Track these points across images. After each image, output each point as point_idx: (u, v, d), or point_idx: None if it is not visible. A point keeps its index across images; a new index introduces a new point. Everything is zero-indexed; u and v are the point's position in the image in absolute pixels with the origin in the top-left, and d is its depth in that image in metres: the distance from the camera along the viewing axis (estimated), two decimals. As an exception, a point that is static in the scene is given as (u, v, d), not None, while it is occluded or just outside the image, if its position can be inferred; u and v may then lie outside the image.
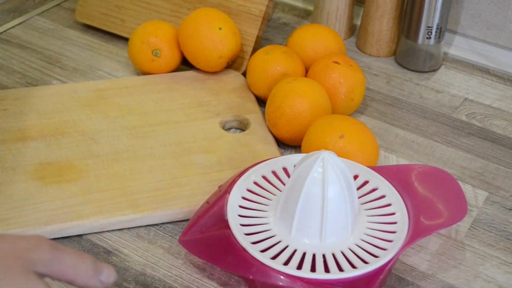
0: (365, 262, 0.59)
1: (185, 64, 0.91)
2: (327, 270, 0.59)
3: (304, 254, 0.60)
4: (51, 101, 0.83)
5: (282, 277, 0.57)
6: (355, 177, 0.69)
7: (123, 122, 0.81)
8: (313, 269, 0.59)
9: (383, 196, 0.67)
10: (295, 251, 0.61)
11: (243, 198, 0.66)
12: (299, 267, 0.59)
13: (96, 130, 0.79)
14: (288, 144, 0.80)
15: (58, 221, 0.67)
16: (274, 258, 0.60)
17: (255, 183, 0.68)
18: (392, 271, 0.66)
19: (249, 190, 0.67)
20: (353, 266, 0.59)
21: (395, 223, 0.63)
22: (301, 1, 1.11)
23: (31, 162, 0.74)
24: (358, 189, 0.67)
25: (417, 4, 0.90)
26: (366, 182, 0.68)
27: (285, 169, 0.70)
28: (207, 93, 0.86)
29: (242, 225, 0.63)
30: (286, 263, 0.59)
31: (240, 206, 0.65)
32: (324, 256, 0.60)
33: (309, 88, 0.78)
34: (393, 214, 0.65)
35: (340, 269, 0.59)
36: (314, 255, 0.60)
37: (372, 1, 0.95)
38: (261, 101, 0.87)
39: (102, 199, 0.70)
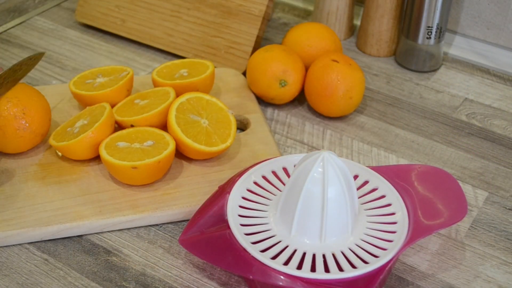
0: (365, 262, 0.59)
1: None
2: (327, 270, 0.59)
3: (304, 254, 0.60)
4: (51, 101, 0.83)
5: (282, 277, 0.57)
6: (355, 177, 0.69)
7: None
8: (313, 269, 0.59)
9: (383, 196, 0.67)
10: (295, 251, 0.61)
11: (243, 198, 0.66)
12: (299, 267, 0.59)
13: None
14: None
15: (58, 222, 0.67)
16: (274, 258, 0.60)
17: (255, 183, 0.68)
18: (392, 271, 0.66)
19: (249, 190, 0.67)
20: (353, 266, 0.59)
21: (395, 223, 0.63)
22: (301, 1, 1.11)
23: (31, 163, 0.74)
24: (358, 189, 0.67)
25: (417, 4, 0.90)
26: (366, 182, 0.68)
27: (285, 169, 0.70)
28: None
29: (242, 225, 0.63)
30: (286, 263, 0.59)
31: (240, 206, 0.65)
32: (324, 256, 0.60)
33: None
34: (393, 214, 0.65)
35: (340, 269, 0.59)
36: (314, 255, 0.60)
37: (372, 1, 0.95)
38: (261, 101, 0.87)
39: (102, 199, 0.70)
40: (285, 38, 0.90)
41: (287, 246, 0.61)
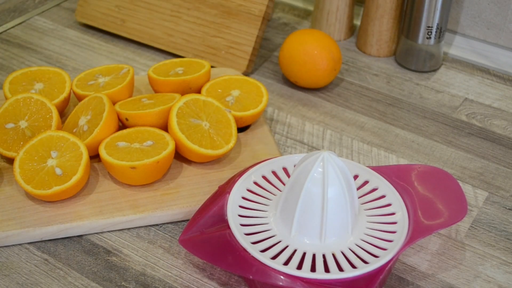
0: (365, 262, 0.59)
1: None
2: (327, 270, 0.59)
3: (304, 254, 0.61)
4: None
5: (282, 277, 0.57)
6: (355, 177, 0.69)
7: (123, 122, 0.81)
8: (313, 269, 0.59)
9: (383, 196, 0.67)
10: (295, 251, 0.61)
11: (243, 198, 0.66)
12: (299, 267, 0.59)
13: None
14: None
15: (58, 222, 0.67)
16: (274, 258, 0.60)
17: (255, 183, 0.68)
18: (392, 271, 0.66)
19: (249, 190, 0.67)
20: (353, 266, 0.59)
21: (395, 223, 0.63)
22: (301, 1, 1.11)
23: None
24: (358, 189, 0.67)
25: (417, 4, 0.90)
26: (366, 182, 0.68)
27: (285, 169, 0.70)
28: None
29: (242, 225, 0.63)
30: (286, 263, 0.59)
31: (240, 206, 0.65)
32: (324, 256, 0.60)
33: None
34: (393, 214, 0.65)
35: (340, 269, 0.59)
36: (314, 255, 0.60)
37: (372, 1, 0.95)
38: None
39: (102, 199, 0.70)
40: (282, 47, 0.89)
41: (287, 246, 0.61)
